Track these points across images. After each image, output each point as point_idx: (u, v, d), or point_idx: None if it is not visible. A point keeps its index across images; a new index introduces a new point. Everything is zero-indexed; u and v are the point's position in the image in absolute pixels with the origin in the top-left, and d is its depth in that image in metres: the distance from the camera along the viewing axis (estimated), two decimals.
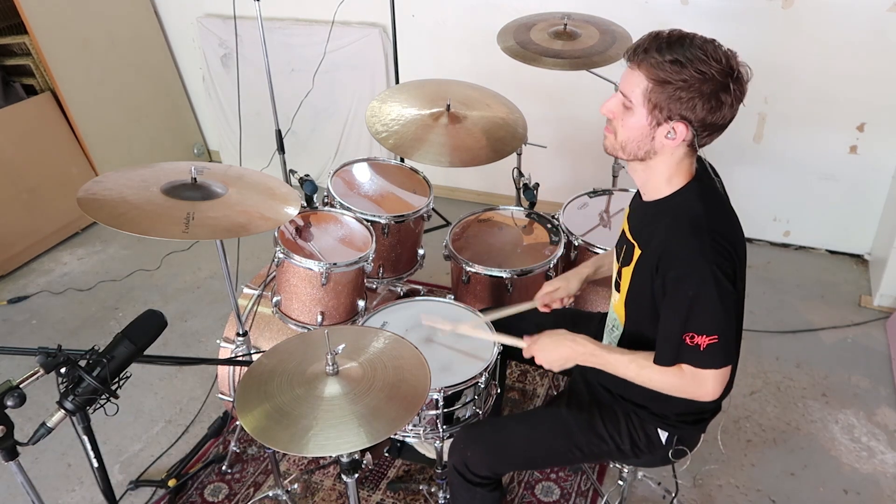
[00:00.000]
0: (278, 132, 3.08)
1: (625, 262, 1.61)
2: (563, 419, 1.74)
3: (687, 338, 1.43)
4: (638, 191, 1.64)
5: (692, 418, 1.68)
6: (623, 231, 1.67)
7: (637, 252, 1.56)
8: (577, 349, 1.62)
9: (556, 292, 1.92)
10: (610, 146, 1.53)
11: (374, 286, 2.60)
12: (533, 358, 1.70)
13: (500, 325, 1.96)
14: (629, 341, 1.67)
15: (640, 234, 1.58)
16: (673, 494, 2.07)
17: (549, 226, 2.54)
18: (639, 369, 1.54)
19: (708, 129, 1.43)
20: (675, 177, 1.50)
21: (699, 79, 1.36)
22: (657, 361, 1.51)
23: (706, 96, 1.37)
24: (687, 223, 1.45)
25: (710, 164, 1.59)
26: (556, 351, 1.64)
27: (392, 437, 2.04)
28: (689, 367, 1.47)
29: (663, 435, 1.69)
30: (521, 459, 1.80)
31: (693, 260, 1.42)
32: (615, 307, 1.70)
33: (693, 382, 1.48)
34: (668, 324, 1.48)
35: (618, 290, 1.67)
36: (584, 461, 1.81)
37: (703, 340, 1.42)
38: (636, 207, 1.65)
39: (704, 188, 1.51)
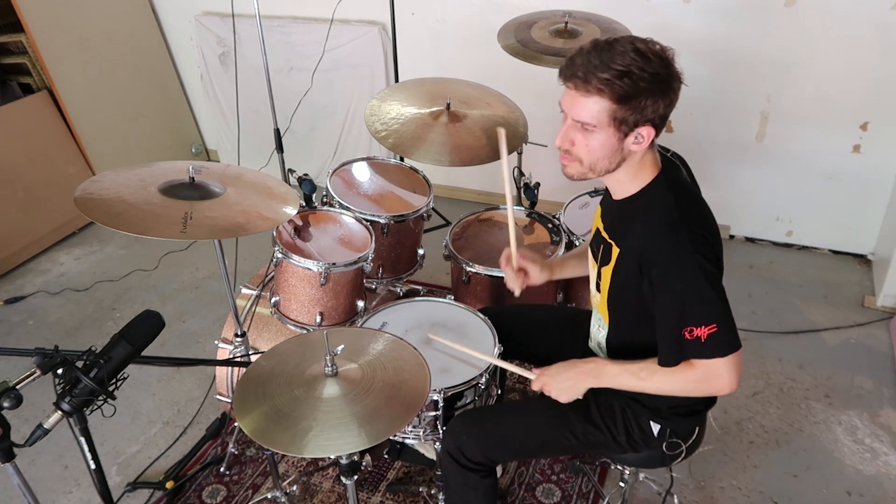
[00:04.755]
0: (277, 131, 3.06)
1: (604, 262, 1.61)
2: (560, 407, 1.72)
3: (686, 332, 1.42)
4: (607, 188, 1.64)
5: (684, 410, 1.67)
6: (598, 230, 1.67)
7: (615, 251, 1.56)
8: (585, 368, 1.61)
9: (531, 266, 1.87)
10: (577, 173, 1.50)
11: (374, 286, 2.58)
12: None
13: (505, 335, 1.95)
14: (615, 339, 1.67)
15: (616, 233, 1.58)
16: (667, 488, 2.05)
17: (549, 225, 2.52)
18: (651, 374, 1.52)
19: (665, 121, 1.44)
20: (640, 173, 1.51)
21: (654, 81, 1.36)
22: (662, 363, 1.50)
23: (662, 94, 1.38)
24: (660, 219, 1.46)
25: (671, 153, 1.59)
26: (564, 374, 1.63)
27: (392, 438, 2.03)
28: (698, 361, 1.45)
29: (655, 428, 1.68)
30: (516, 445, 1.78)
31: (674, 254, 1.42)
32: (598, 307, 1.70)
33: (706, 376, 1.46)
34: (663, 323, 1.47)
35: (598, 290, 1.66)
36: (580, 450, 1.79)
37: (702, 332, 1.41)
38: (608, 206, 1.65)
39: (671, 180, 1.52)
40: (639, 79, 1.35)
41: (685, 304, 1.42)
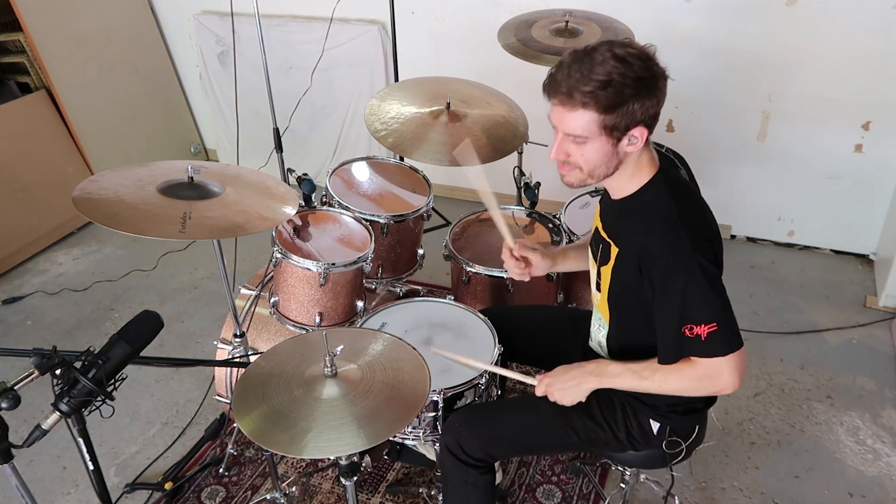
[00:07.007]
0: (276, 130, 3.05)
1: (603, 262, 1.61)
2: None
3: (686, 330, 1.42)
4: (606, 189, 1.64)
5: (682, 408, 1.66)
6: (597, 229, 1.67)
7: (614, 250, 1.56)
8: (588, 368, 1.61)
9: (531, 254, 1.81)
10: (577, 180, 1.50)
11: (374, 286, 2.57)
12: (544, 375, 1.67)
13: (506, 338, 1.94)
14: (616, 339, 1.67)
15: (615, 232, 1.58)
16: (667, 489, 2.04)
17: (550, 225, 2.51)
18: (653, 373, 1.52)
19: (656, 118, 1.44)
20: (638, 173, 1.51)
21: (637, 85, 1.36)
22: (661, 361, 1.49)
23: (649, 95, 1.38)
24: (660, 219, 1.46)
25: (671, 151, 1.59)
26: (566, 375, 1.62)
27: (391, 439, 2.02)
28: (699, 359, 1.45)
29: (655, 426, 1.68)
30: (516, 441, 1.77)
31: (674, 255, 1.42)
32: (598, 306, 1.70)
33: (707, 374, 1.45)
34: (663, 322, 1.47)
35: (599, 289, 1.66)
36: (581, 448, 1.79)
37: (702, 330, 1.41)
38: (606, 205, 1.65)
39: (669, 178, 1.52)
40: (622, 86, 1.34)
41: (685, 303, 1.41)
